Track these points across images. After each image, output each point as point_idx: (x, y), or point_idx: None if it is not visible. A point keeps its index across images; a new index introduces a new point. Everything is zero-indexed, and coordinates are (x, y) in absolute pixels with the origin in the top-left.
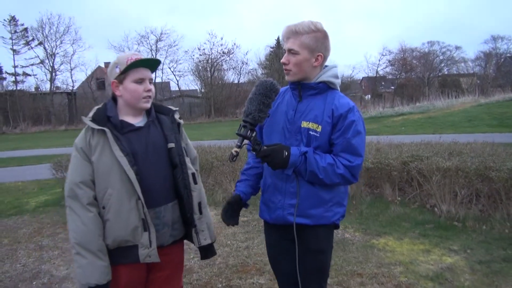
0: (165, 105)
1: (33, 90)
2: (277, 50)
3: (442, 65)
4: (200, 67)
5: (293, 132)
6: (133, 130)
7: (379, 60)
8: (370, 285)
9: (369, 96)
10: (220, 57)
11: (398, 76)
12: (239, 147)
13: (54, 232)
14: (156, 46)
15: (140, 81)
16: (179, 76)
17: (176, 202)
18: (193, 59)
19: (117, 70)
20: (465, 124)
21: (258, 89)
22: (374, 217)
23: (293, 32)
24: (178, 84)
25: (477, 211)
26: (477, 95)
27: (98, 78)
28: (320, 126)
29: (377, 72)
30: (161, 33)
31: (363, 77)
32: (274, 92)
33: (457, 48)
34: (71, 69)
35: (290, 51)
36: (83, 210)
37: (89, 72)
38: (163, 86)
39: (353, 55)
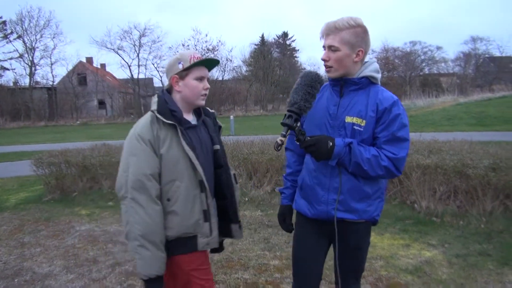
0: (208, 108)
1: (12, 84)
2: (261, 47)
3: (423, 64)
4: None
5: (336, 127)
6: (191, 127)
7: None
8: None
9: None
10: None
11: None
12: (284, 136)
13: (35, 229)
14: (140, 42)
15: (201, 79)
16: (163, 72)
17: (214, 200)
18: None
19: (180, 66)
20: (444, 122)
21: (303, 80)
22: None
23: (333, 29)
24: (161, 81)
25: (454, 207)
26: (456, 94)
27: (79, 74)
28: (364, 121)
29: None
30: (145, 29)
31: None
32: (319, 83)
33: (438, 48)
34: (52, 64)
35: (330, 47)
36: (150, 202)
37: (70, 67)
38: (146, 82)
39: None
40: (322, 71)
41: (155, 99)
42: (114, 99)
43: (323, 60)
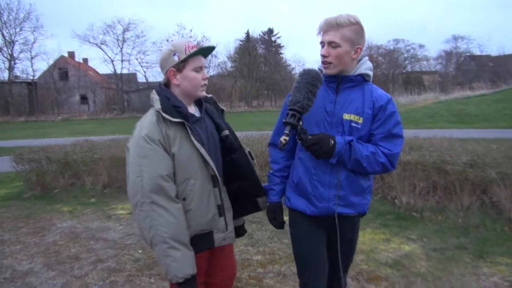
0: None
1: None
2: (246, 44)
3: (406, 62)
4: None
5: (334, 124)
6: (197, 120)
7: None
8: None
9: None
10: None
11: None
12: (287, 135)
13: (15, 226)
14: (123, 37)
15: (199, 69)
16: (147, 68)
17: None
18: (161, 50)
19: (176, 58)
20: (426, 120)
21: (304, 78)
22: None
23: (334, 25)
24: (145, 76)
25: (434, 203)
26: (438, 92)
27: (60, 68)
28: (361, 118)
29: None
30: (129, 23)
31: None
32: (319, 81)
33: (421, 46)
34: (32, 58)
35: (330, 43)
36: (171, 202)
37: (51, 62)
38: (130, 78)
39: None
40: (309, 67)
41: (156, 96)
42: (96, 95)
43: (323, 56)
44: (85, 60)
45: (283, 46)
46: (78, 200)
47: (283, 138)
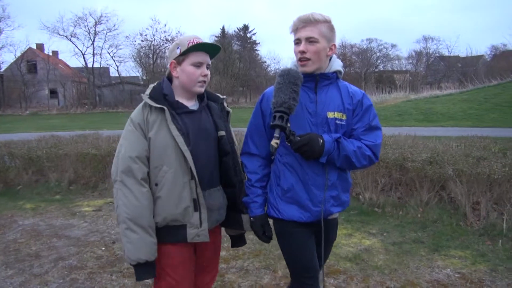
0: (214, 93)
1: None
2: (222, 40)
3: (379, 61)
4: (142, 54)
5: (319, 124)
6: (187, 112)
7: None
8: None
9: None
10: (163, 44)
11: None
12: (278, 138)
13: None
14: (95, 30)
15: (198, 64)
16: (119, 62)
17: (220, 188)
18: (134, 45)
19: (178, 51)
20: (395, 118)
21: (286, 78)
22: None
23: (311, 21)
24: (118, 70)
25: (395, 198)
26: (408, 91)
27: (28, 61)
28: (344, 115)
29: None
30: (101, 16)
31: None
32: (300, 81)
33: (393, 46)
34: None
35: (308, 39)
36: (137, 185)
37: (18, 54)
38: (102, 72)
39: None
40: (283, 65)
41: (152, 85)
42: (67, 89)
43: (301, 52)
44: (55, 53)
45: (258, 43)
46: (42, 197)
47: (274, 142)
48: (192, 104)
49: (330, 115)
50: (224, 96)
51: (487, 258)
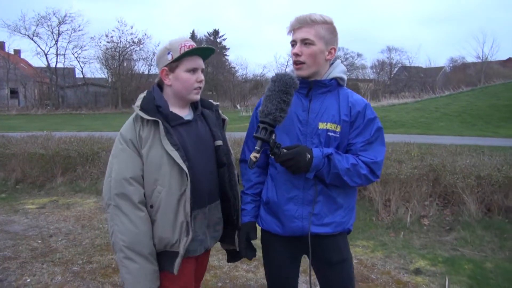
0: (206, 99)
1: None
2: None
3: None
4: (108, 55)
5: (309, 134)
6: (182, 123)
7: (287, 61)
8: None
9: None
10: (129, 47)
11: None
12: (259, 151)
13: None
14: (58, 29)
15: (193, 70)
16: (84, 63)
17: (218, 202)
18: (99, 46)
19: (169, 57)
20: None
21: (276, 85)
22: None
23: (308, 21)
24: (82, 71)
25: None
26: (369, 99)
27: None
28: (339, 126)
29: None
30: (65, 16)
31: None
32: (294, 88)
33: (359, 55)
34: None
35: (304, 41)
36: (134, 209)
37: None
38: (66, 73)
39: (265, 55)
40: (250, 71)
41: (142, 95)
42: (28, 89)
43: (295, 54)
44: (17, 51)
45: (228, 48)
46: None
47: (253, 156)
48: (186, 114)
49: (321, 125)
50: (218, 103)
51: (386, 247)
